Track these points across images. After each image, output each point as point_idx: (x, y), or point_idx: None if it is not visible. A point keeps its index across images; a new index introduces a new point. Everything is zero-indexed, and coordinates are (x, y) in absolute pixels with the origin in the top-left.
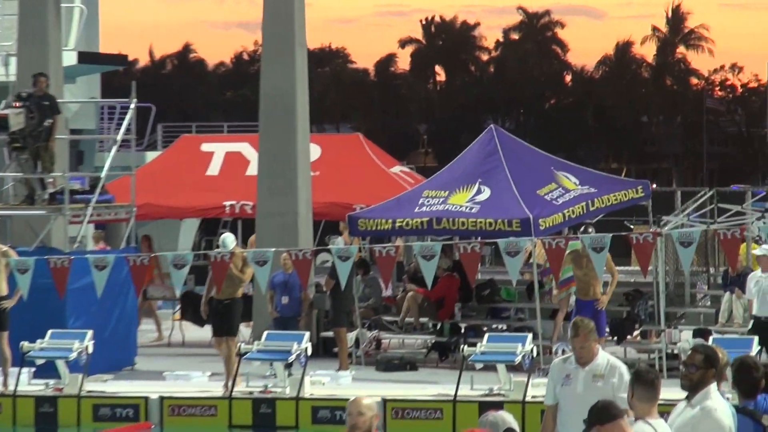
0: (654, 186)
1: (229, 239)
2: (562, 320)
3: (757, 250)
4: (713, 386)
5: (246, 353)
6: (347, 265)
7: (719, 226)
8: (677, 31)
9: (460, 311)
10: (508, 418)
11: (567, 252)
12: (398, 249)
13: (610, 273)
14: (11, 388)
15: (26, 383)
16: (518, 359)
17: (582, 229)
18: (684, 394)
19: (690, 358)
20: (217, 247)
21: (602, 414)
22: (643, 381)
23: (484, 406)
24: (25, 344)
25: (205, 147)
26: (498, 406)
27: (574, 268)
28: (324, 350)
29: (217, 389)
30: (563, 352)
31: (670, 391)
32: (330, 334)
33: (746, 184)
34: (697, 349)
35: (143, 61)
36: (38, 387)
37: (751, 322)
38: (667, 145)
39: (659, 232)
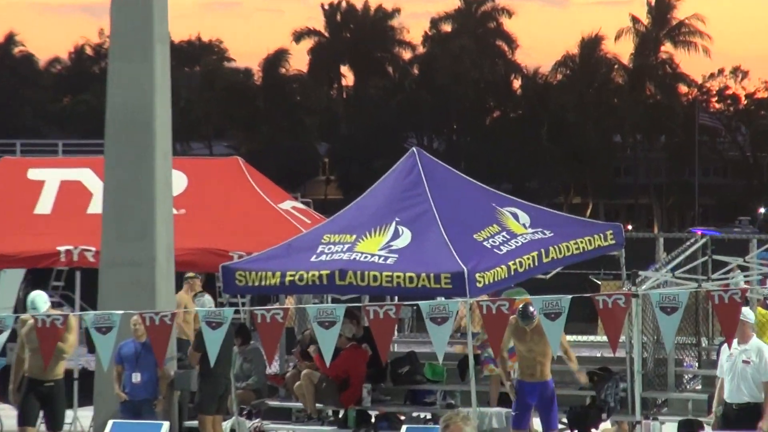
0: (629, 229)
1: (39, 300)
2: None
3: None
4: None
5: None
6: (219, 333)
7: (714, 286)
8: (662, 23)
9: (369, 394)
10: None
11: (509, 322)
12: (288, 312)
13: (563, 349)
14: None
15: None
16: None
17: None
18: None
19: None
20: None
21: None
22: None
23: None
24: None
25: (33, 174)
26: None
27: (516, 341)
28: None
29: None
30: None
31: None
32: (196, 423)
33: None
34: None
35: None
36: None
37: (719, 408)
38: (647, 175)
39: (634, 293)
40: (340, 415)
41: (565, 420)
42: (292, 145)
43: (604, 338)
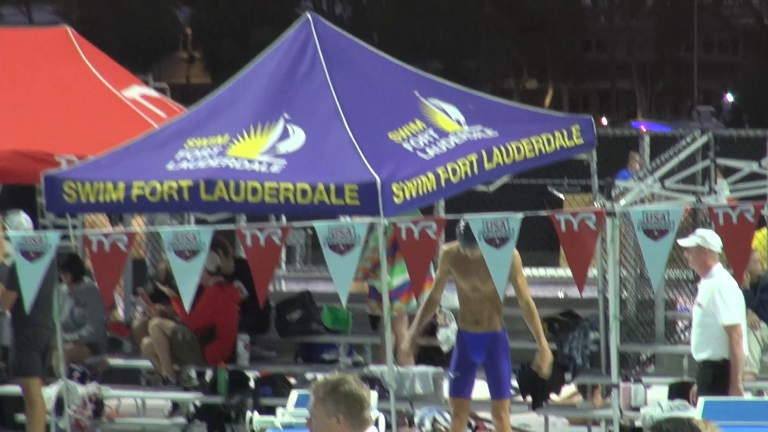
0: (603, 124)
1: None
2: (409, 357)
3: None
4: None
5: None
6: (39, 265)
7: (717, 200)
8: None
9: (247, 350)
10: None
11: (443, 250)
12: (133, 238)
13: (518, 294)
14: None
15: None
16: None
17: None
18: None
19: None
20: None
21: None
22: None
23: None
24: None
25: None
26: None
27: (457, 277)
28: (2, 417)
29: None
30: (433, 424)
31: None
32: (13, 388)
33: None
34: (660, 427)
35: None
36: None
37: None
38: (628, 51)
39: (609, 210)
40: (207, 378)
41: (514, 383)
42: (141, 11)
43: (569, 272)
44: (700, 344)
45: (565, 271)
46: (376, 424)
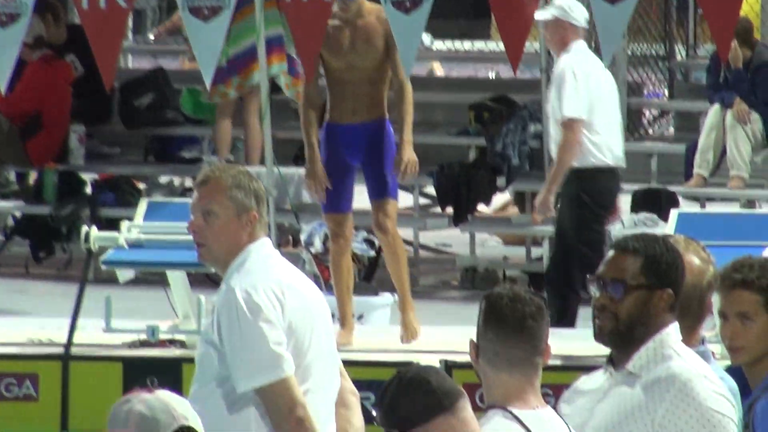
0: None
1: None
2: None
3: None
4: (672, 331)
5: None
6: None
7: None
8: None
9: (82, 144)
10: (178, 406)
11: None
12: None
13: (393, 71)
14: None
15: None
16: None
17: None
18: (603, 350)
19: (608, 267)
20: None
21: (404, 403)
22: (501, 318)
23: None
24: None
25: None
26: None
27: (325, 55)
28: None
29: None
30: (325, 243)
31: (579, 344)
32: None
33: None
34: (626, 244)
35: None
36: None
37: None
38: None
39: None
40: (31, 180)
41: (430, 190)
42: None
43: (502, 46)
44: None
45: (497, 45)
46: None
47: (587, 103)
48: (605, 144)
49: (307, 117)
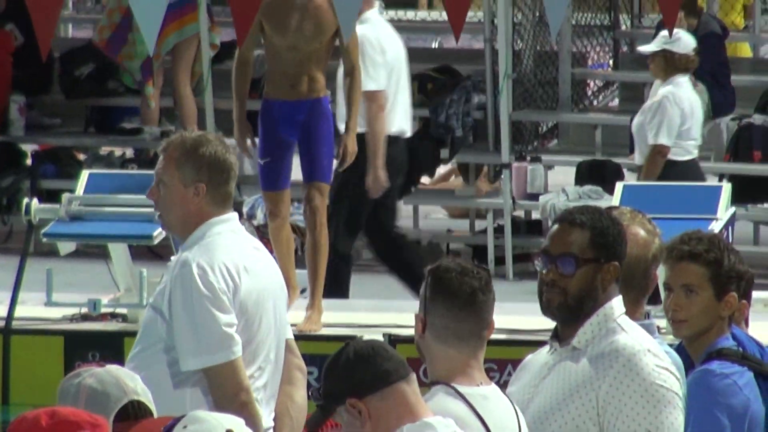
0: None
1: None
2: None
3: None
4: (616, 304)
5: None
6: None
7: None
8: None
9: (22, 115)
10: (129, 380)
11: None
12: None
13: (343, 54)
14: None
15: None
16: (159, 234)
17: None
18: (548, 324)
19: (555, 241)
20: None
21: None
22: (451, 292)
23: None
24: None
25: None
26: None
27: (270, 31)
28: None
29: None
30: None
31: (523, 317)
32: None
33: None
34: (572, 218)
35: None
36: None
37: None
38: None
39: None
40: None
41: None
42: None
43: (444, 15)
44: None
45: (440, 14)
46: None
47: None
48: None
49: (237, 74)
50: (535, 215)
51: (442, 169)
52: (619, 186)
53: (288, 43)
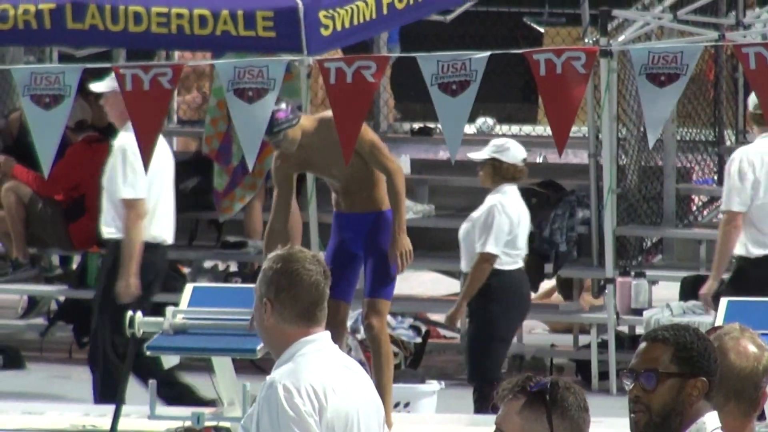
0: None
1: None
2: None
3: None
4: (709, 420)
5: None
6: None
7: (748, 37)
8: None
9: None
10: None
11: (273, 167)
12: None
13: (385, 171)
14: None
15: None
16: (263, 348)
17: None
18: None
19: (639, 358)
20: None
21: None
22: (573, 417)
23: None
24: None
25: None
26: None
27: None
28: None
29: None
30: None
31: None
32: None
33: None
34: (656, 334)
35: None
36: None
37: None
38: None
39: (604, 48)
40: (73, 265)
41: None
42: None
43: (548, 130)
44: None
45: (545, 130)
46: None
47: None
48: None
49: (267, 244)
50: (639, 330)
51: (546, 285)
52: (723, 302)
53: (328, 177)
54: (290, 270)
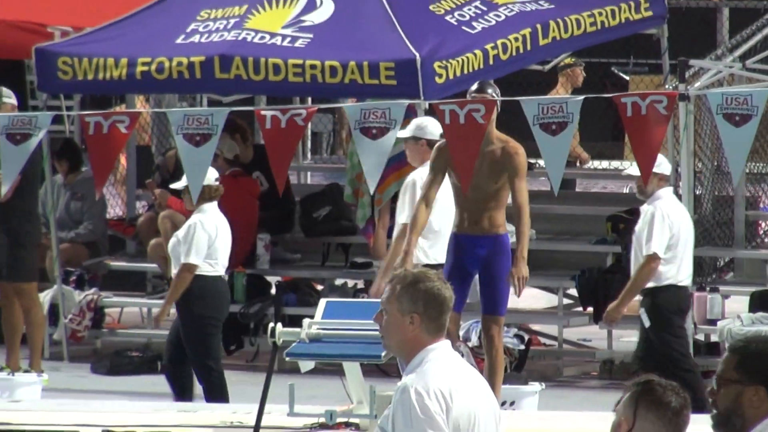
0: None
1: None
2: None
3: None
4: None
5: None
6: (25, 149)
7: None
8: None
9: (267, 251)
10: None
11: (438, 147)
12: (137, 119)
13: (513, 197)
14: None
15: None
16: (387, 354)
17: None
18: None
19: (723, 367)
20: None
21: None
22: (665, 406)
23: None
24: None
25: None
26: None
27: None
28: None
29: None
30: (480, 338)
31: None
32: None
33: None
34: (733, 345)
35: None
36: None
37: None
38: None
39: (682, 93)
40: None
41: (572, 291)
42: None
43: (635, 164)
44: None
45: (631, 163)
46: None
47: None
48: None
49: (419, 209)
50: (714, 338)
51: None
52: None
53: (470, 184)
54: (432, 288)
